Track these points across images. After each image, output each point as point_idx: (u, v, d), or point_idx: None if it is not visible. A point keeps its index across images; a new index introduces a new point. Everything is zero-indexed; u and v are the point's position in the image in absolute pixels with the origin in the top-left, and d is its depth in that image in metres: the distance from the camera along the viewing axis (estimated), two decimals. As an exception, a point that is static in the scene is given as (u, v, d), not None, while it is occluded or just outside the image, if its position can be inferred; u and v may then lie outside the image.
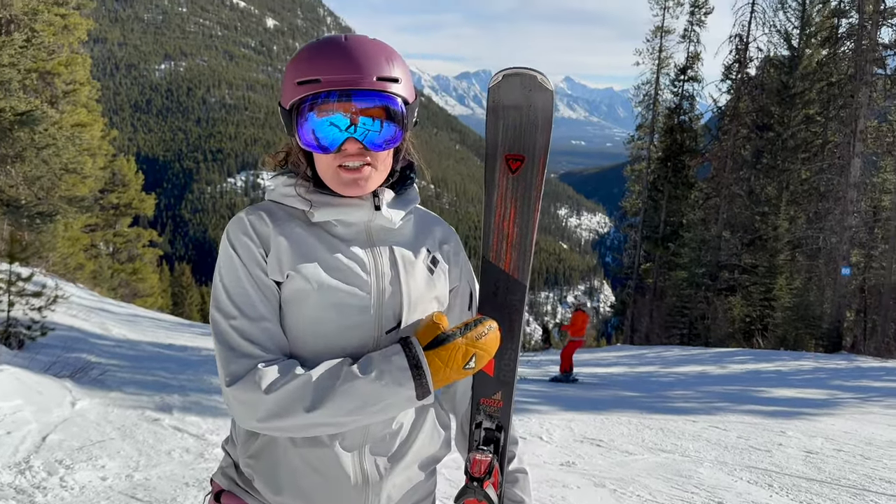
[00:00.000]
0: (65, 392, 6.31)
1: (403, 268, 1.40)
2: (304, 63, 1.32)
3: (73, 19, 17.41)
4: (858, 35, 21.45)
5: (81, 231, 23.13)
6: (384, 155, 1.37)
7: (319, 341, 1.34)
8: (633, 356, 18.30)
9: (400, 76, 1.34)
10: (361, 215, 1.39)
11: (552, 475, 5.47)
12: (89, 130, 18.21)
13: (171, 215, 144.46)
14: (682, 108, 30.88)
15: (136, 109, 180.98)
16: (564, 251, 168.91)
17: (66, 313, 11.50)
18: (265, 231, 1.36)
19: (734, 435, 7.33)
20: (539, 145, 1.43)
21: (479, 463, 1.45)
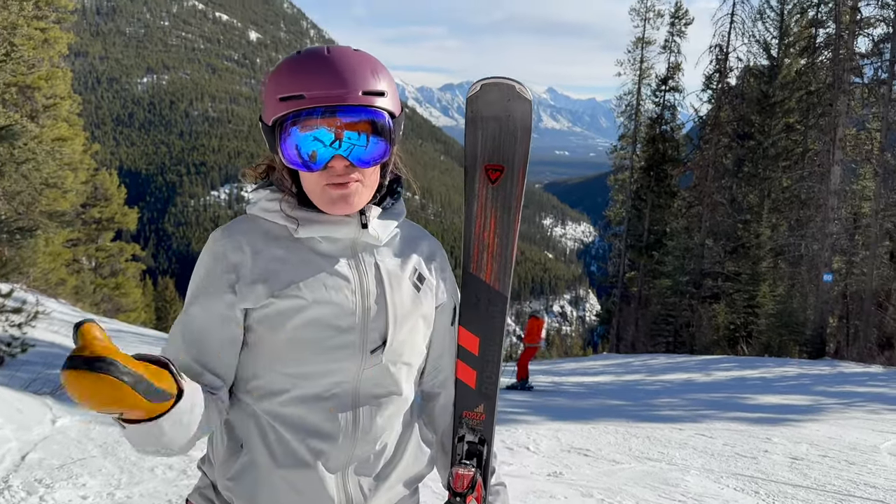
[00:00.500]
0: (45, 409, 6.22)
1: (389, 285, 1.37)
2: (287, 78, 1.27)
3: (54, 33, 17.30)
4: (836, 45, 21.76)
5: (63, 246, 22.90)
6: (371, 171, 1.32)
7: (301, 363, 1.31)
8: (619, 364, 18.34)
9: (386, 89, 1.29)
10: (348, 232, 1.34)
11: (539, 486, 5.45)
12: (70, 145, 18.07)
13: (155, 229, 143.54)
14: (663, 117, 31.15)
15: (119, 123, 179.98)
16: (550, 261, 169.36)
17: (48, 329, 11.36)
18: (240, 258, 1.31)
19: (720, 442, 7.35)
20: (518, 155, 1.42)
21: (461, 477, 1.43)
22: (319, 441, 1.32)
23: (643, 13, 31.80)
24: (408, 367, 1.41)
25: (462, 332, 1.50)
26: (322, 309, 1.30)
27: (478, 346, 1.48)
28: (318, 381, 1.32)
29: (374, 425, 1.36)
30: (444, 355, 1.52)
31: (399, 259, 1.42)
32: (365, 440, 1.35)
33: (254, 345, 1.34)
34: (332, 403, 1.32)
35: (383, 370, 1.36)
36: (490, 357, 1.47)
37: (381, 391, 1.37)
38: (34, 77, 14.36)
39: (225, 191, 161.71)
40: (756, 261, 23.78)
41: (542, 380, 14.38)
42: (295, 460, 1.31)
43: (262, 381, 1.34)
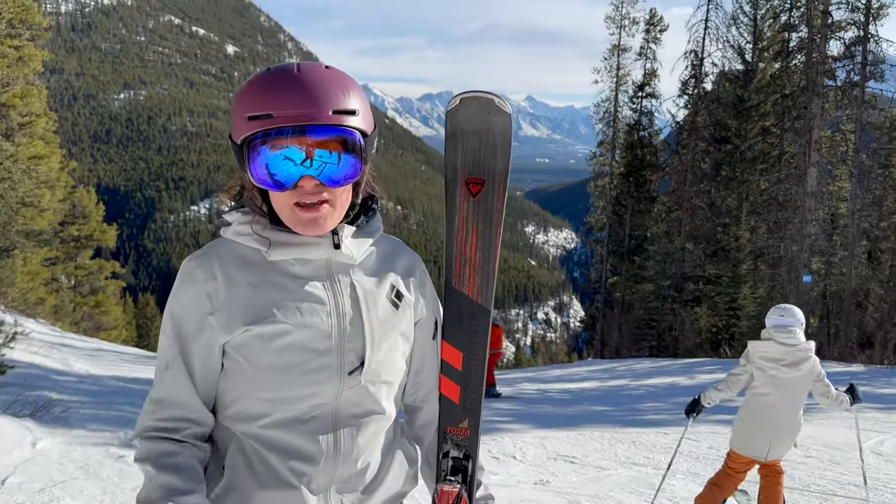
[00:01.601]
0: (25, 432, 6.12)
1: (365, 305, 1.36)
2: (255, 97, 1.24)
3: (28, 51, 17.15)
4: (809, 48, 22.09)
5: (41, 265, 22.63)
6: (342, 190, 1.30)
7: (280, 388, 1.31)
8: (604, 370, 18.39)
9: (357, 107, 1.27)
10: (321, 253, 1.33)
11: (526, 495, 5.44)
12: (47, 162, 17.89)
13: (134, 245, 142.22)
14: (641, 123, 31.39)
15: (96, 140, 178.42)
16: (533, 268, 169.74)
17: (27, 350, 11.19)
18: (213, 287, 1.31)
19: (705, 445, 7.38)
20: (499, 168, 1.42)
21: (447, 494, 1.42)
22: (301, 463, 1.31)
23: (618, 21, 32.08)
24: (388, 386, 1.41)
25: (445, 347, 1.49)
26: (298, 333, 1.29)
27: (461, 361, 1.47)
28: (296, 405, 1.31)
29: (356, 446, 1.35)
30: (424, 369, 1.51)
31: (376, 277, 1.40)
32: (347, 461, 1.34)
33: (231, 371, 1.34)
34: (312, 426, 1.32)
35: (362, 391, 1.36)
36: (474, 372, 1.46)
37: (361, 411, 1.36)
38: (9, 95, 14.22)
39: (205, 205, 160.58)
40: (736, 263, 23.98)
41: (528, 387, 14.38)
42: (277, 481, 1.31)
43: (241, 406, 1.34)
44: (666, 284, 26.09)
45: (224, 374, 1.35)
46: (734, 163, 25.71)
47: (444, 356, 1.50)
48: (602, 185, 32.96)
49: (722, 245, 25.29)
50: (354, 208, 1.37)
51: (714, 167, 26.65)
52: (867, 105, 21.20)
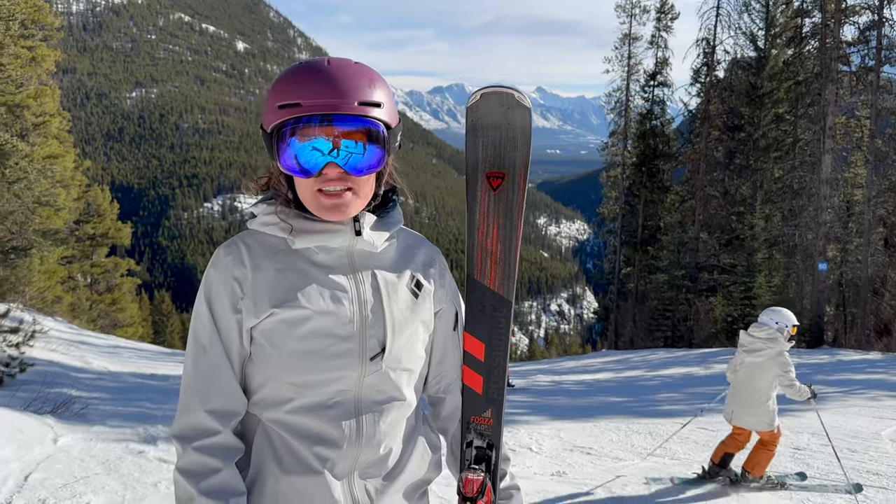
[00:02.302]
0: (46, 429, 6.19)
1: (386, 293, 1.40)
2: (286, 87, 1.31)
3: (41, 51, 17.27)
4: (822, 34, 21.85)
5: (58, 263, 22.80)
6: (365, 179, 1.36)
7: (304, 373, 1.34)
8: (619, 361, 18.35)
9: (382, 100, 1.32)
10: (342, 241, 1.38)
11: (544, 486, 5.45)
12: (61, 162, 18.03)
13: (149, 243, 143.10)
14: (653, 113, 31.19)
15: (109, 138, 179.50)
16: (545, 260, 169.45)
17: (45, 348, 11.32)
18: (241, 273, 1.36)
19: (722, 435, 7.36)
20: (519, 162, 1.44)
21: (471, 482, 1.44)
22: (325, 448, 1.35)
23: (629, 9, 31.87)
24: (408, 373, 1.44)
25: (468, 339, 1.52)
26: (321, 319, 1.34)
27: (484, 352, 1.49)
28: (320, 390, 1.35)
29: (378, 431, 1.38)
30: (445, 360, 1.54)
31: (396, 267, 1.45)
32: (369, 446, 1.38)
33: (257, 357, 1.38)
34: (336, 412, 1.35)
35: (384, 377, 1.39)
36: (496, 362, 1.48)
37: (383, 397, 1.40)
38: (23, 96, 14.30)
39: (218, 202, 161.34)
40: (751, 252, 23.81)
41: (543, 379, 14.38)
42: (302, 467, 1.34)
43: (267, 392, 1.38)
44: (680, 274, 25.96)
45: (250, 360, 1.40)
46: (748, 151, 25.52)
47: (467, 347, 1.52)
48: (614, 175, 32.82)
49: (736, 234, 25.13)
50: (377, 199, 1.43)
51: (727, 155, 26.46)
52: (882, 90, 20.97)
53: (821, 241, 20.88)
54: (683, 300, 25.98)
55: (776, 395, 5.29)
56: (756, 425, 5.31)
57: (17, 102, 14.23)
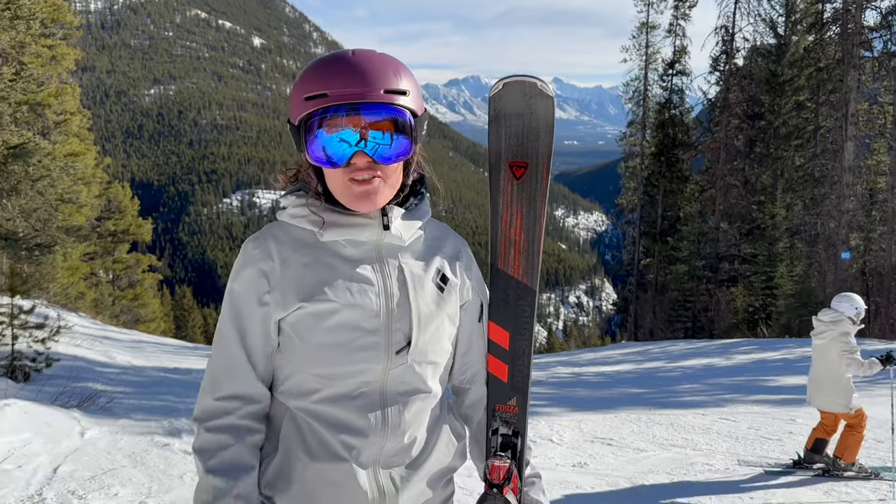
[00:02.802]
0: (73, 422, 6.29)
1: (413, 287, 1.41)
2: (312, 78, 1.32)
3: (61, 50, 17.44)
4: (843, 19, 21.53)
5: (80, 260, 23.05)
6: (394, 168, 1.37)
7: (330, 365, 1.36)
8: (639, 353, 18.28)
9: (408, 88, 1.33)
10: (370, 234, 1.39)
11: (565, 477, 5.46)
12: (83, 159, 18.22)
13: (169, 239, 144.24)
14: (672, 102, 30.92)
15: (128, 135, 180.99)
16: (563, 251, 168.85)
17: (70, 343, 11.47)
18: (269, 266, 1.38)
19: (744, 426, 7.33)
20: (542, 151, 1.44)
21: (497, 469, 1.45)
22: (351, 437, 1.37)
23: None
24: (434, 366, 1.45)
25: (492, 327, 1.53)
26: (347, 312, 1.35)
27: (508, 341, 1.50)
28: (346, 381, 1.37)
29: (403, 421, 1.40)
30: (471, 351, 1.55)
31: (423, 260, 1.45)
32: (395, 435, 1.39)
33: (285, 348, 1.40)
34: (362, 402, 1.37)
35: (409, 369, 1.40)
36: (521, 351, 1.49)
37: (408, 389, 1.41)
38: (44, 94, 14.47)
39: (237, 197, 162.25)
40: (772, 242, 23.59)
41: (562, 371, 14.36)
42: (329, 454, 1.36)
43: (295, 382, 1.40)
44: (700, 265, 25.78)
45: (279, 350, 1.42)
46: (768, 139, 25.25)
47: (492, 336, 1.53)
48: (633, 165, 32.61)
49: (757, 223, 24.90)
50: (405, 189, 1.44)
51: (748, 144, 26.20)
52: (905, 76, 20.66)
53: (843, 230, 20.63)
54: (704, 291, 25.80)
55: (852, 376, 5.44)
56: (831, 406, 5.50)
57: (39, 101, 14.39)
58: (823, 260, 22.13)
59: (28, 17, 9.25)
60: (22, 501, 4.28)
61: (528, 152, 1.45)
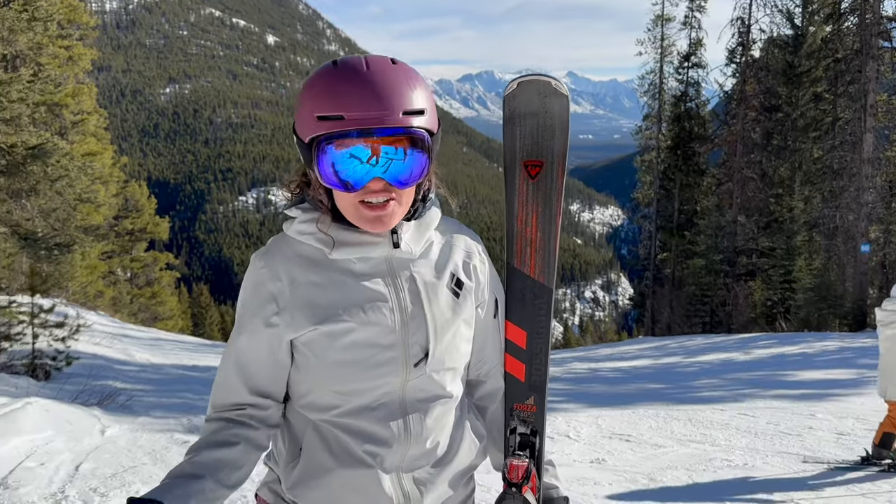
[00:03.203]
0: (94, 420, 6.36)
1: (426, 297, 1.38)
2: (325, 95, 1.25)
3: (77, 50, 17.58)
4: (861, 9, 21.27)
5: (98, 259, 23.26)
6: (409, 190, 1.33)
7: (347, 382, 1.36)
8: (656, 348, 18.20)
9: (425, 106, 1.28)
10: (381, 251, 1.36)
11: (583, 473, 5.45)
12: (100, 159, 18.37)
13: (186, 237, 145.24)
14: (688, 95, 30.69)
15: (145, 134, 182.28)
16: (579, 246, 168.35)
17: (90, 341, 11.59)
18: (278, 288, 1.36)
19: (763, 421, 7.28)
20: (557, 150, 1.44)
21: (516, 468, 1.46)
22: (374, 445, 1.37)
23: (661, -10, 31.33)
24: (452, 371, 1.45)
25: (509, 327, 1.52)
26: (363, 331, 1.33)
27: (525, 340, 1.50)
28: (365, 396, 1.37)
29: (425, 427, 1.40)
30: (486, 347, 1.54)
31: (435, 267, 1.42)
32: (417, 442, 1.39)
33: (301, 366, 1.40)
34: (382, 413, 1.37)
35: (428, 379, 1.40)
36: (538, 350, 1.49)
37: (428, 395, 1.41)
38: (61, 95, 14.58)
39: (252, 195, 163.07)
40: (790, 235, 23.38)
41: (579, 367, 14.33)
42: (354, 461, 1.36)
43: (314, 398, 1.40)
44: (718, 259, 25.60)
45: (295, 367, 1.42)
46: (786, 131, 25.00)
47: (509, 335, 1.53)
48: (649, 159, 32.39)
49: (775, 216, 24.68)
50: (415, 203, 1.39)
51: (765, 136, 25.96)
52: (926, 66, 20.39)
53: (863, 223, 20.41)
54: (721, 285, 25.63)
55: None
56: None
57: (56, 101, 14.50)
58: (842, 253, 21.91)
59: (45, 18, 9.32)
60: (45, 499, 4.33)
61: (543, 151, 1.44)
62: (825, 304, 20.22)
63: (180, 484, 1.25)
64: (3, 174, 8.86)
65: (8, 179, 8.94)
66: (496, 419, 1.59)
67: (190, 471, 1.29)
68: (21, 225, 9.93)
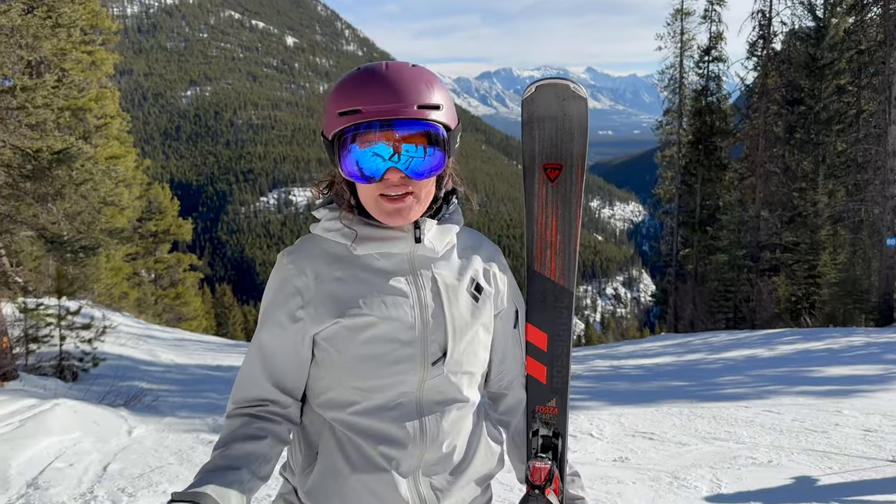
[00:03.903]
0: (121, 421, 6.45)
1: (447, 297, 1.41)
2: (345, 94, 1.32)
3: (100, 55, 17.80)
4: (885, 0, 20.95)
5: (123, 261, 23.57)
6: (426, 183, 1.37)
7: (367, 377, 1.38)
8: (679, 344, 18.06)
9: (441, 102, 1.33)
10: (403, 247, 1.39)
11: (606, 472, 5.42)
12: (123, 162, 18.60)
13: (209, 238, 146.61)
14: (708, 89, 30.42)
15: (167, 137, 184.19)
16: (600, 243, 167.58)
17: (115, 342, 11.74)
18: (303, 283, 1.39)
19: (788, 418, 7.20)
20: (576, 152, 1.44)
21: (539, 471, 1.46)
22: (390, 448, 1.38)
23: (681, -16, 31.09)
24: (469, 376, 1.46)
25: (530, 330, 1.53)
26: (383, 325, 1.36)
27: (546, 343, 1.51)
28: (383, 393, 1.38)
29: (441, 430, 1.41)
30: (506, 359, 1.56)
31: (456, 270, 1.45)
32: (433, 445, 1.40)
33: (321, 361, 1.42)
34: (398, 413, 1.38)
35: (445, 380, 1.41)
36: (559, 352, 1.49)
37: (445, 398, 1.42)
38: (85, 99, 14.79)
39: (273, 196, 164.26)
40: (814, 229, 23.11)
41: (601, 364, 14.27)
42: (370, 465, 1.38)
43: (333, 395, 1.42)
44: (741, 254, 25.35)
45: (315, 363, 1.44)
46: (808, 124, 24.71)
47: (530, 338, 1.53)
48: (670, 154, 32.15)
49: (799, 211, 24.40)
50: (437, 202, 1.44)
51: (787, 130, 25.67)
52: (952, 56, 20.02)
53: (888, 216, 20.11)
54: (745, 280, 25.38)
55: None
56: None
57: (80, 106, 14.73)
58: (868, 247, 21.61)
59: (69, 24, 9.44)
60: (75, 499, 4.40)
61: (562, 154, 1.45)
62: (850, 298, 19.96)
63: (218, 476, 1.27)
64: (30, 179, 9.01)
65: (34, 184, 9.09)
66: (520, 431, 1.60)
67: (224, 463, 1.31)
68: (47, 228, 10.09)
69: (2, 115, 8.37)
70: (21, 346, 8.31)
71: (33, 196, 9.21)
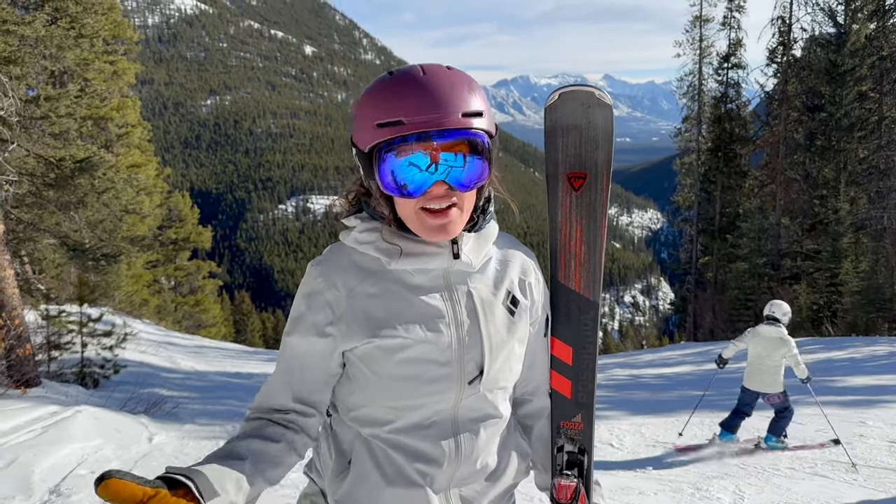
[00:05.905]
0: (141, 428, 6.48)
1: (483, 314, 1.36)
2: (383, 103, 1.23)
3: (122, 64, 17.99)
4: (908, 5, 20.75)
5: (143, 268, 23.77)
6: (470, 194, 1.30)
7: (402, 397, 1.34)
8: (699, 353, 17.89)
9: (482, 108, 1.25)
10: (440, 263, 1.33)
11: (627, 482, 5.38)
12: (144, 170, 18.77)
13: (228, 245, 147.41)
14: (728, 96, 30.20)
15: (187, 146, 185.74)
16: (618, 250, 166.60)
17: (136, 349, 11.82)
18: (334, 297, 1.34)
19: (812, 428, 7.12)
20: (601, 161, 1.41)
21: (564, 488, 1.43)
22: (425, 465, 1.35)
23: (699, -9, 30.93)
24: (503, 391, 1.43)
25: (555, 343, 1.50)
26: (419, 347, 1.31)
27: (571, 356, 1.47)
28: (418, 412, 1.35)
29: (476, 448, 1.39)
30: (535, 364, 1.52)
31: (492, 283, 1.40)
32: (468, 462, 1.38)
33: (355, 378, 1.38)
34: (434, 431, 1.36)
35: (481, 398, 1.38)
36: (584, 366, 1.46)
37: (480, 415, 1.40)
38: (107, 109, 14.98)
39: (292, 204, 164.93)
40: (836, 237, 22.83)
41: (620, 373, 14.16)
42: (404, 480, 1.35)
43: (367, 412, 1.39)
44: (761, 262, 25.10)
45: (346, 378, 1.40)
46: (829, 131, 24.45)
47: (555, 352, 1.50)
48: (689, 161, 31.94)
49: (820, 218, 24.13)
50: (475, 211, 1.36)
51: (808, 137, 25.42)
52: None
53: (912, 223, 19.86)
54: (766, 289, 25.10)
55: None
56: None
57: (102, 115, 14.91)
58: (891, 255, 21.32)
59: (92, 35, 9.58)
60: (94, 506, 4.42)
61: (586, 163, 1.41)
62: (873, 307, 19.69)
63: (219, 460, 1.21)
64: (53, 187, 9.11)
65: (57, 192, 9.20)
66: (542, 437, 1.56)
67: (229, 452, 1.25)
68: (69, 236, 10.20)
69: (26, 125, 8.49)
70: (43, 353, 8.38)
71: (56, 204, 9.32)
